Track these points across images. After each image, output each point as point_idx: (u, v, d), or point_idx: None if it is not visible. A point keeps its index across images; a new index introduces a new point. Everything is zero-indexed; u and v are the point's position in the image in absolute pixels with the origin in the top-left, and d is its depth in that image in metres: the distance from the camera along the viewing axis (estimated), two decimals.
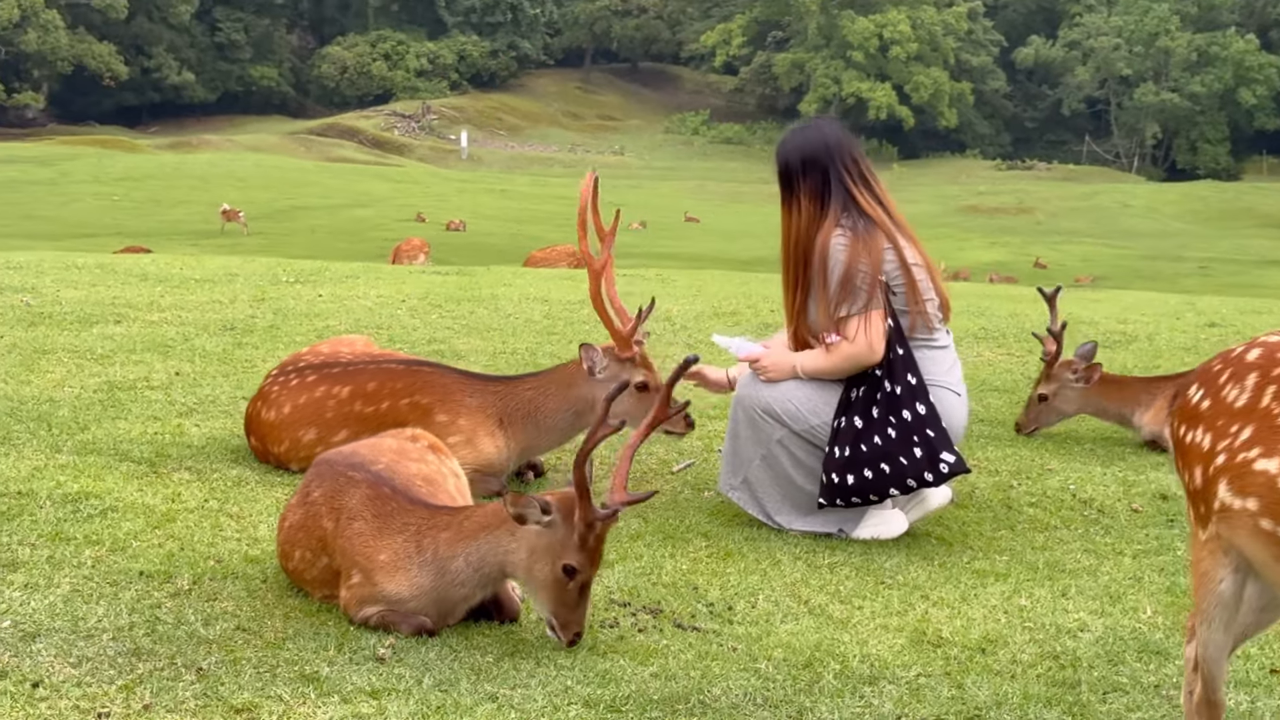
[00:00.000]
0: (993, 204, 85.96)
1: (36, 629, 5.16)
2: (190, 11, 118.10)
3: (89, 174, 68.61)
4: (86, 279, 13.89)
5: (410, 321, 11.97)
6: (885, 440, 6.67)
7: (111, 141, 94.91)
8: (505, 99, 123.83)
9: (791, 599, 5.94)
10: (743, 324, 12.48)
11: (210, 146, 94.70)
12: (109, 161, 75.55)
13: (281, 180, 69.33)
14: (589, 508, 5.19)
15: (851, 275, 6.69)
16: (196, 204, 57.20)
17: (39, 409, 8.33)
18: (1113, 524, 7.23)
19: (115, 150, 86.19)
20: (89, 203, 57.96)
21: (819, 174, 6.88)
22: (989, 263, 49.49)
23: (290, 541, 5.70)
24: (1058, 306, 9.03)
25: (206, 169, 73.13)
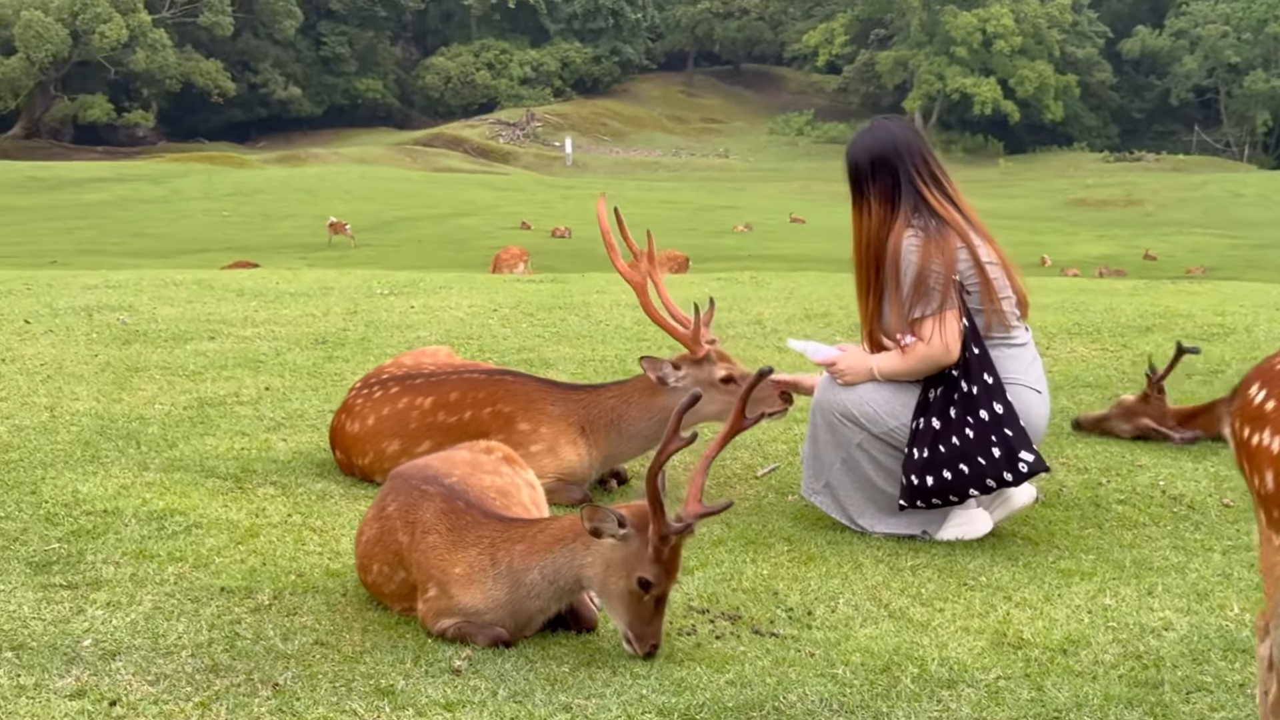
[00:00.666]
0: (1101, 197, 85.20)
1: (117, 647, 5.20)
2: (295, 26, 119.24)
3: (199, 190, 69.39)
4: (184, 296, 14.01)
5: (501, 330, 12.00)
6: (963, 441, 6.62)
7: (220, 157, 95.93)
8: (609, 104, 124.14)
9: (872, 602, 5.90)
10: (834, 325, 12.41)
11: (317, 160, 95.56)
12: (218, 177, 76.35)
13: (388, 191, 69.81)
14: (663, 521, 5.16)
15: (925, 276, 6.64)
16: (305, 217, 57.67)
17: (128, 427, 8.41)
18: (1203, 520, 7.13)
19: (224, 166, 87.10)
20: (199, 219, 58.57)
21: (889, 175, 6.85)
22: (1098, 256, 49.06)
23: (368, 555, 5.73)
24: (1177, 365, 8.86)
25: (314, 182, 73.76)
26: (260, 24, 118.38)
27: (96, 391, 9.40)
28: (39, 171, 78.73)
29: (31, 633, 5.33)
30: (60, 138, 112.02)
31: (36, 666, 5.01)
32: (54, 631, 5.35)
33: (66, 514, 6.70)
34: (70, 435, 8.18)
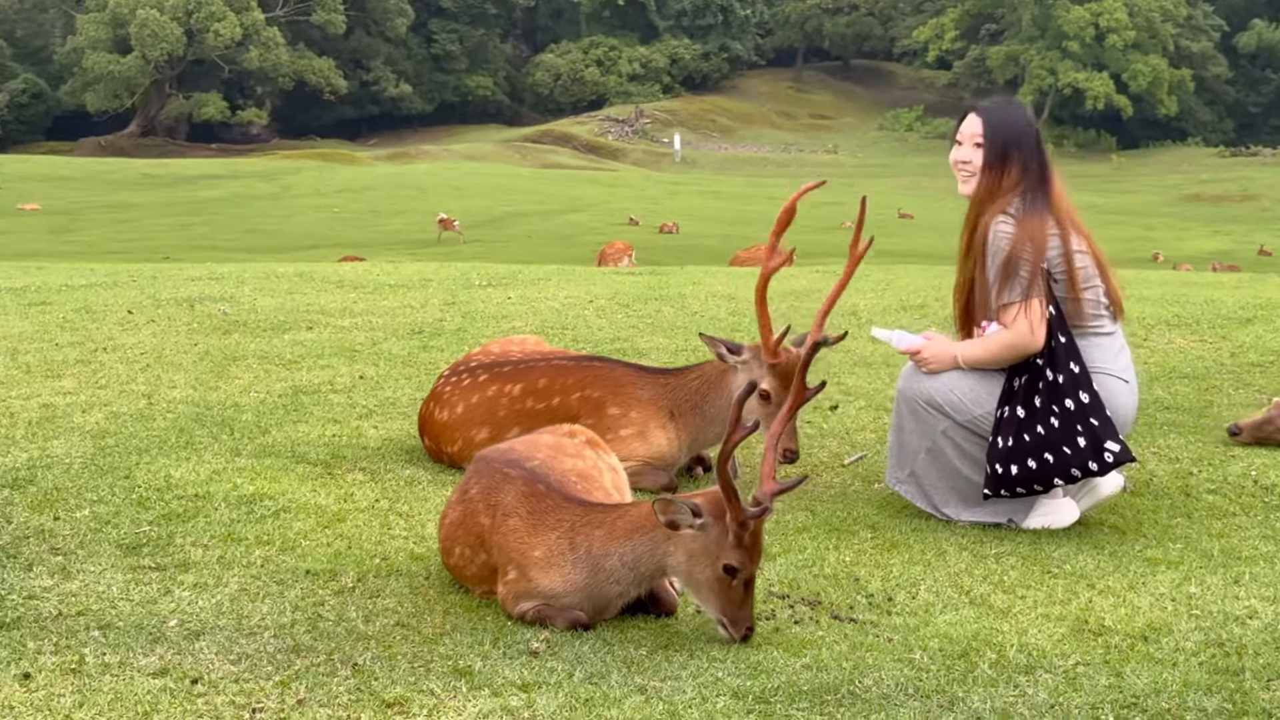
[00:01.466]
0: (1216, 192, 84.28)
1: (201, 627, 5.28)
2: (406, 24, 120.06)
3: (310, 187, 70.02)
4: (284, 287, 14.14)
5: (596, 321, 12.04)
6: (1048, 430, 6.57)
7: (332, 154, 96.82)
8: (718, 101, 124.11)
9: (953, 589, 5.88)
10: (929, 317, 12.35)
11: (428, 156, 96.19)
12: (329, 174, 77.04)
13: (497, 188, 70.13)
14: (738, 506, 5.17)
15: (1014, 262, 6.61)
16: (414, 213, 58.03)
17: (223, 414, 8.53)
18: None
19: (335, 163, 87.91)
20: (310, 215, 59.09)
21: (1030, 151, 6.84)
22: (1211, 252, 48.54)
23: (450, 538, 5.78)
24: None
25: (424, 179, 74.23)
26: (372, 22, 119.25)
27: (194, 379, 9.53)
28: (154, 169, 79.78)
29: (119, 613, 5.42)
30: (175, 135, 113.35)
31: (122, 645, 5.09)
32: (141, 612, 5.44)
33: (158, 498, 6.81)
34: (166, 422, 8.30)
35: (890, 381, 9.60)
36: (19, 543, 6.20)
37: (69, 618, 5.36)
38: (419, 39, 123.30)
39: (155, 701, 4.64)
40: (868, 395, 9.18)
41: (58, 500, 6.77)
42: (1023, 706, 4.73)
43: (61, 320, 11.92)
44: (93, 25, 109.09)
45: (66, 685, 4.77)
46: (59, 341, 10.89)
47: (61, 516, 6.55)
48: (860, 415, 8.76)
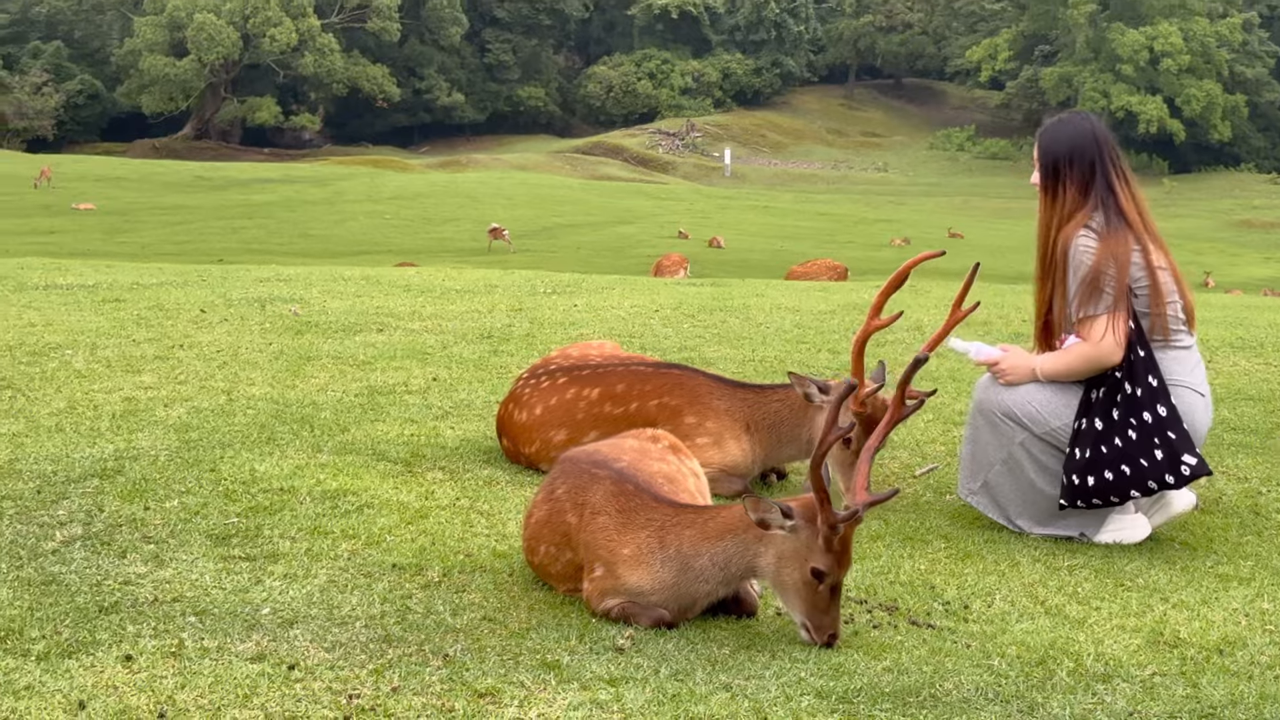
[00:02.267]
0: (1268, 219, 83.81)
1: (294, 616, 5.38)
2: (460, 33, 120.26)
3: (362, 193, 70.10)
4: (352, 290, 14.27)
5: (662, 330, 12.12)
6: (1126, 442, 6.63)
7: (384, 161, 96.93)
8: (769, 116, 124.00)
9: (1028, 599, 5.95)
10: (994, 333, 12.41)
11: (479, 165, 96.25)
12: (381, 181, 77.10)
13: (547, 198, 70.17)
14: (830, 511, 5.22)
15: (1098, 277, 6.67)
16: (465, 221, 58.13)
17: (302, 411, 8.64)
18: None
19: (387, 170, 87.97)
20: (362, 221, 59.18)
21: (1087, 166, 6.88)
22: (1263, 279, 48.28)
23: (535, 536, 5.85)
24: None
25: (475, 187, 74.29)
26: (426, 30, 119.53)
27: (271, 378, 9.65)
28: (207, 171, 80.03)
29: (213, 600, 5.53)
30: (228, 139, 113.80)
31: (219, 631, 5.20)
32: (234, 599, 5.54)
33: (244, 491, 6.91)
34: (246, 418, 8.41)
35: (958, 395, 9.69)
36: (112, 530, 6.32)
37: (165, 603, 5.47)
38: (472, 48, 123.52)
39: (254, 685, 4.74)
40: (936, 409, 9.23)
41: (147, 490, 6.87)
42: (1101, 713, 4.79)
43: (136, 317, 12.07)
44: (150, 28, 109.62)
45: (168, 668, 4.87)
46: (136, 338, 11.03)
47: (151, 506, 6.66)
48: (929, 428, 8.84)
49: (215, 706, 4.61)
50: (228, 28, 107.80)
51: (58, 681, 4.75)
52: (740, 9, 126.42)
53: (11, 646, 5.02)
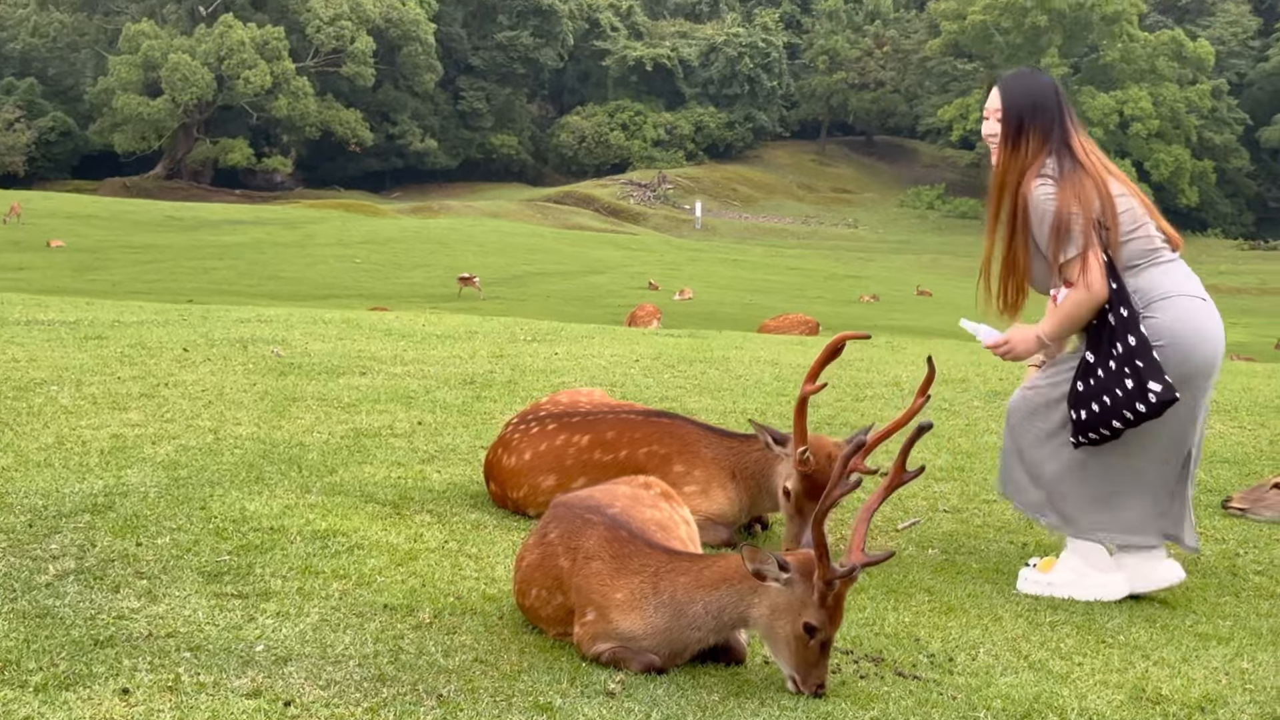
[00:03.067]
0: (1234, 284, 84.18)
1: (288, 653, 5.41)
2: (435, 80, 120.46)
3: (333, 237, 70.04)
4: (334, 333, 14.30)
5: (643, 380, 12.16)
6: (1106, 373, 6.69)
7: (355, 205, 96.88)
8: (740, 170, 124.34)
9: (1011, 653, 5.99)
10: (970, 392, 12.51)
11: (450, 212, 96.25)
12: (352, 225, 77.06)
13: (518, 246, 70.19)
14: (828, 567, 5.25)
15: (1064, 220, 6.69)
16: (435, 268, 58.11)
17: (289, 452, 8.66)
18: None
19: (359, 214, 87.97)
20: (332, 265, 59.14)
21: (1048, 119, 6.91)
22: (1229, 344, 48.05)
23: (527, 580, 5.88)
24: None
25: (446, 234, 74.28)
26: (401, 76, 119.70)
27: (257, 418, 9.67)
28: (178, 211, 79.90)
29: (206, 636, 5.56)
30: (200, 180, 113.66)
31: (214, 667, 5.23)
32: (228, 636, 5.57)
33: (235, 529, 6.94)
34: (234, 457, 8.43)
35: (938, 451, 9.78)
36: (104, 565, 6.35)
37: (159, 638, 5.50)
38: (446, 95, 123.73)
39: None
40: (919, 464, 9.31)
41: (138, 526, 6.90)
42: None
43: (120, 354, 12.07)
44: (124, 67, 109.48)
45: (165, 702, 4.91)
46: (120, 375, 11.04)
47: (143, 542, 6.68)
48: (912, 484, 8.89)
49: None
50: (202, 69, 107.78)
51: (56, 713, 4.78)
52: (714, 63, 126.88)
53: (9, 678, 5.05)
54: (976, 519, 8.19)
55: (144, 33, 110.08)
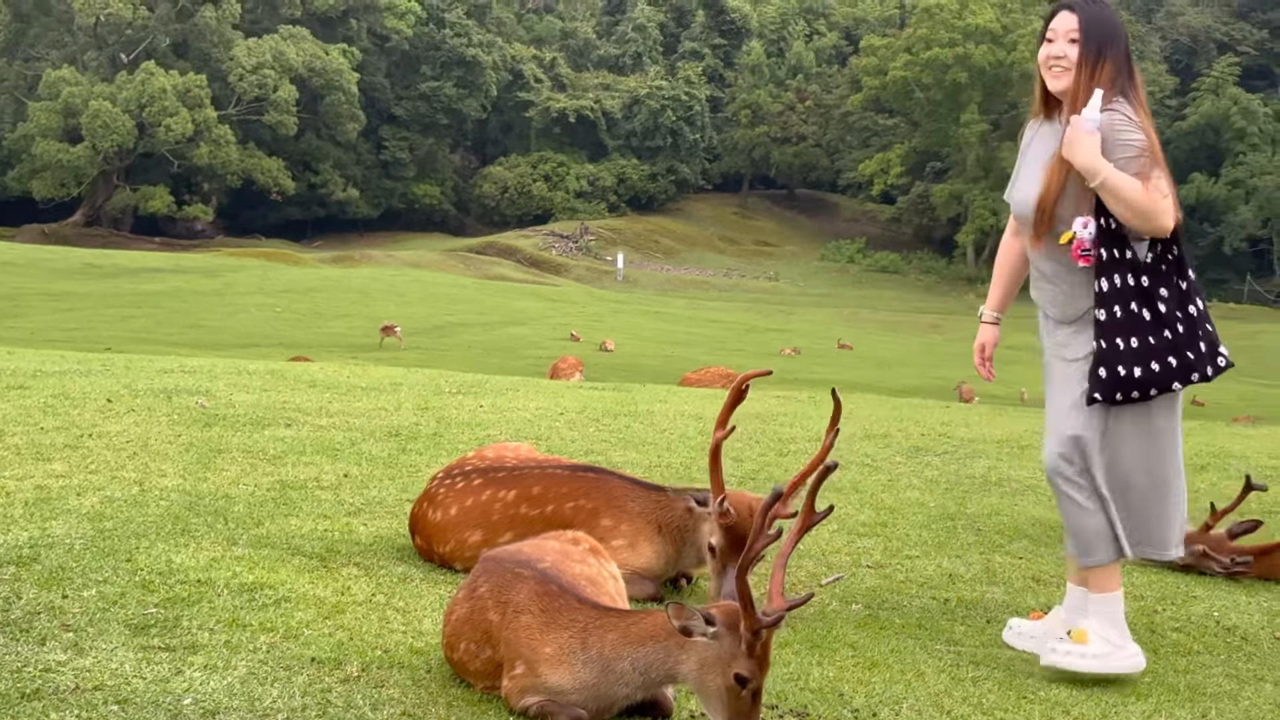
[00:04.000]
0: None
1: (216, 707, 5.40)
2: (358, 129, 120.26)
3: (254, 285, 69.83)
4: (258, 384, 14.27)
5: (568, 433, 12.19)
6: (1174, 334, 6.55)
7: (276, 254, 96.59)
8: (662, 222, 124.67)
9: (934, 708, 6.05)
10: (893, 447, 12.61)
11: (372, 261, 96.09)
12: (273, 274, 76.83)
13: (440, 296, 70.17)
14: (753, 617, 5.27)
15: (1151, 150, 6.51)
16: (357, 318, 58.05)
17: (215, 504, 8.63)
18: (1255, 651, 7.25)
19: (279, 263, 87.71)
20: (253, 314, 58.97)
21: (1122, 54, 6.61)
22: None
23: (456, 633, 5.90)
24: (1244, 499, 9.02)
25: (367, 283, 74.17)
26: (323, 125, 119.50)
27: (182, 469, 9.63)
28: (97, 259, 79.40)
29: (134, 689, 5.54)
30: (120, 227, 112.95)
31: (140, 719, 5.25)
32: (155, 689, 5.55)
33: (162, 581, 6.91)
34: (160, 509, 8.38)
35: (861, 507, 9.86)
36: (30, 618, 6.32)
37: (86, 691, 5.48)
38: (369, 145, 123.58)
39: None
40: (840, 519, 9.39)
41: (64, 579, 6.86)
42: None
43: (42, 404, 11.99)
44: (44, 113, 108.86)
45: None
46: (44, 425, 10.97)
47: (69, 595, 6.64)
48: (834, 538, 8.96)
49: None
50: (123, 116, 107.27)
51: None
52: (637, 115, 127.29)
53: None
54: (899, 574, 8.25)
55: (64, 79, 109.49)
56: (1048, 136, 6.75)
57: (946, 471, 11.63)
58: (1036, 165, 6.78)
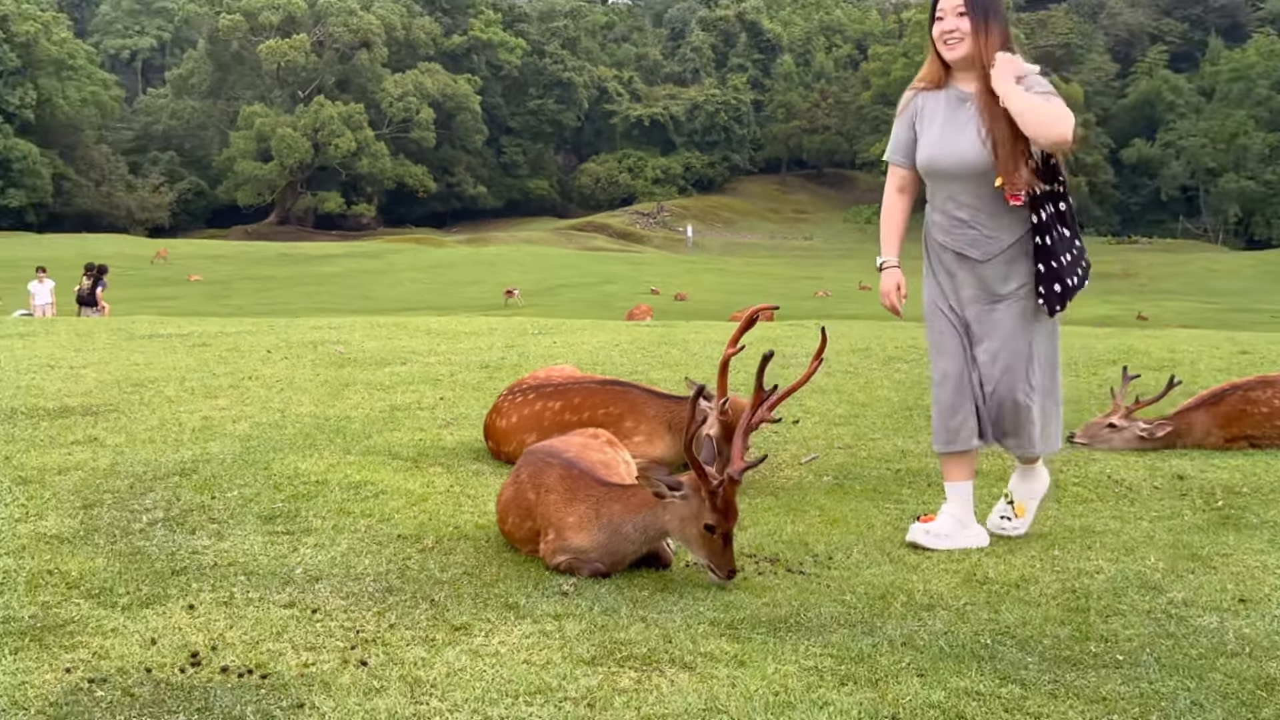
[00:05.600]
0: (1103, 271, 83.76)
1: (320, 574, 5.45)
2: (483, 139, 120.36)
3: (408, 264, 70.10)
4: (384, 334, 14.31)
5: (620, 359, 12.15)
6: (1078, 248, 6.06)
7: (424, 239, 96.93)
8: (721, 199, 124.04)
9: (878, 551, 6.02)
10: (872, 358, 12.48)
11: (497, 241, 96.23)
12: (423, 254, 77.13)
13: (550, 265, 70.21)
14: (706, 478, 5.36)
15: (1055, 91, 5.90)
16: (487, 284, 58.16)
17: (338, 424, 8.69)
18: (1136, 498, 7.14)
19: (427, 246, 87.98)
20: (408, 286, 59.16)
21: (1001, 18, 5.99)
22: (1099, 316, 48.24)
23: (505, 510, 5.93)
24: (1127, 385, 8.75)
25: (494, 258, 74.30)
26: (456, 138, 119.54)
27: (316, 399, 9.70)
28: (288, 250, 79.98)
29: (259, 564, 5.60)
30: (304, 224, 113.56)
31: (261, 586, 5.27)
32: (275, 563, 5.61)
33: (289, 483, 6.97)
34: (295, 430, 8.46)
35: (839, 402, 9.78)
36: (185, 514, 6.39)
37: (222, 567, 5.54)
38: (492, 151, 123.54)
39: (285, 625, 4.83)
40: (821, 413, 9.32)
41: (214, 484, 6.94)
42: (924, 633, 4.88)
43: (218, 356, 12.10)
44: (242, 140, 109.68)
45: (220, 614, 4.95)
46: (216, 372, 11.07)
47: (217, 496, 6.72)
48: (815, 427, 8.90)
49: (255, 641, 4.70)
50: (302, 139, 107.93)
51: (136, 625, 4.83)
52: (697, 118, 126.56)
53: (104, 600, 5.10)
54: (864, 452, 8.17)
55: (257, 113, 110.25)
56: (954, 101, 6.11)
57: (912, 374, 11.50)
58: (957, 126, 6.09)
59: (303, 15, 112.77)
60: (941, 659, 4.62)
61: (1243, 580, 5.61)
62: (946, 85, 6.10)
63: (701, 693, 4.27)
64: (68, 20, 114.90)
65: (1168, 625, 5.03)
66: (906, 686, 4.36)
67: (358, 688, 4.30)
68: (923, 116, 6.17)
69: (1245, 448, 8.30)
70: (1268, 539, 6.29)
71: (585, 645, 4.68)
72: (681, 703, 4.20)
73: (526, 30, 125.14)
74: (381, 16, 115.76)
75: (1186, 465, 7.85)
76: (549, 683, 4.35)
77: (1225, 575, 5.69)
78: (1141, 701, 4.29)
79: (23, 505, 6.53)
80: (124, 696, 4.22)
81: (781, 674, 4.44)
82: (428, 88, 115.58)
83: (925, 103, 6.15)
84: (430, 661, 4.52)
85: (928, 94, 6.15)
